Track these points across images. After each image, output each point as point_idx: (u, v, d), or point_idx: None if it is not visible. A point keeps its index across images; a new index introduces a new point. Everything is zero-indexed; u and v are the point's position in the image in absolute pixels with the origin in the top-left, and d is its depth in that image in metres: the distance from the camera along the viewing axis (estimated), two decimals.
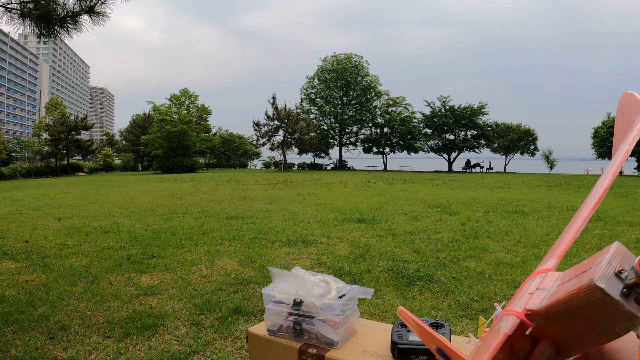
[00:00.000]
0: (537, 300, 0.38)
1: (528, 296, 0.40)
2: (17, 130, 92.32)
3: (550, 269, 0.43)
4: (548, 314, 0.36)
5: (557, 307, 0.35)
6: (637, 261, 0.33)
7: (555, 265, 0.44)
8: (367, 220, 7.20)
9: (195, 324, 2.90)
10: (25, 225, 7.14)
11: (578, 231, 0.46)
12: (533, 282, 0.42)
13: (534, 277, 0.43)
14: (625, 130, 0.55)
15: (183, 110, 43.16)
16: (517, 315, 0.39)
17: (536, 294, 0.39)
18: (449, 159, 42.60)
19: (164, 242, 5.54)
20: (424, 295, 3.46)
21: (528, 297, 0.40)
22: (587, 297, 0.33)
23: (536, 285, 0.41)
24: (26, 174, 33.07)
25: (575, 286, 0.34)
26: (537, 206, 9.40)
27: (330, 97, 44.42)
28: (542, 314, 0.37)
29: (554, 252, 0.46)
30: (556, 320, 0.36)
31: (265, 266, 4.29)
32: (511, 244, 5.33)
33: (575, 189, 15.24)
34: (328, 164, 46.91)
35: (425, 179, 22.04)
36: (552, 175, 29.44)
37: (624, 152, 0.53)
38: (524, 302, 0.40)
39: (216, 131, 51.90)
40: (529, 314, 0.38)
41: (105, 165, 47.70)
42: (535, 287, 0.41)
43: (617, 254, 0.34)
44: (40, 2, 3.59)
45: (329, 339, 1.31)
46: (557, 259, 0.44)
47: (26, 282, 3.87)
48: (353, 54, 44.70)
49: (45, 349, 2.55)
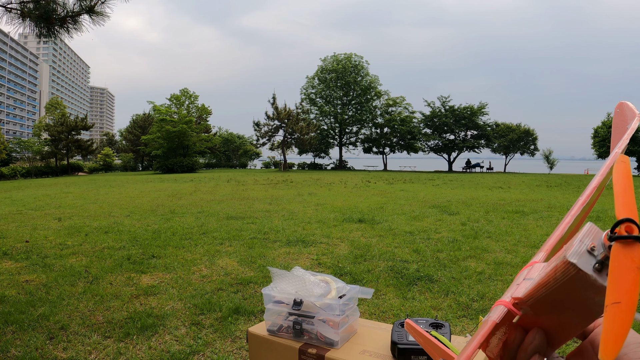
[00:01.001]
0: (523, 289, 0.39)
1: (515, 287, 0.41)
2: (17, 130, 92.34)
3: (537, 261, 0.44)
4: (532, 299, 0.37)
5: (539, 291, 0.36)
6: (604, 235, 0.34)
7: (543, 258, 0.45)
8: (367, 220, 7.20)
9: (195, 324, 2.90)
10: (25, 225, 7.14)
11: (566, 226, 0.48)
12: (521, 274, 0.43)
13: (523, 270, 0.44)
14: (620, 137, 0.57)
15: (183, 110, 43.15)
16: (505, 304, 0.40)
17: (522, 284, 0.40)
18: (449, 159, 42.60)
19: (164, 242, 5.54)
20: (424, 295, 3.46)
21: (515, 287, 0.41)
22: (562, 276, 0.34)
23: (523, 277, 0.42)
24: (26, 174, 33.07)
25: (552, 266, 0.35)
26: (537, 206, 9.40)
27: (330, 97, 44.43)
28: (527, 301, 0.38)
29: (543, 247, 0.47)
30: (540, 305, 0.37)
31: (265, 266, 4.29)
32: (511, 244, 5.33)
33: (575, 189, 15.24)
34: (328, 164, 46.93)
35: (425, 179, 22.04)
36: (552, 175, 29.45)
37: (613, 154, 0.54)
38: (511, 292, 0.41)
39: (216, 131, 51.91)
40: (516, 303, 0.39)
41: (105, 165, 47.71)
42: (522, 278, 0.42)
43: (589, 233, 0.35)
44: (40, 2, 3.59)
45: (329, 339, 1.31)
46: (545, 252, 0.46)
47: (26, 282, 3.87)
48: (353, 54, 44.73)
49: (45, 349, 2.55)
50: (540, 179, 23.37)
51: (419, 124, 42.69)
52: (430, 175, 27.69)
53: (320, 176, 25.80)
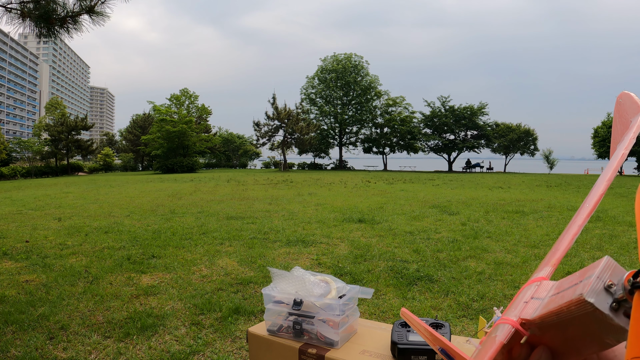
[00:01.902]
0: (532, 309, 0.39)
1: (523, 305, 0.41)
2: (17, 130, 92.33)
3: (545, 278, 0.43)
4: (542, 324, 0.37)
5: (550, 318, 0.36)
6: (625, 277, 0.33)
7: (550, 273, 0.44)
8: (367, 220, 7.20)
9: (195, 324, 2.90)
10: (25, 225, 7.14)
11: (573, 239, 0.46)
12: (528, 290, 0.43)
13: (530, 285, 0.43)
14: (622, 131, 0.55)
15: (183, 110, 43.16)
16: (512, 324, 0.40)
17: (530, 303, 0.40)
18: (449, 159, 42.61)
19: (164, 242, 5.54)
20: (424, 295, 3.46)
21: (523, 305, 0.41)
22: (577, 310, 0.33)
23: (531, 294, 0.42)
24: (26, 174, 33.08)
25: (566, 299, 0.34)
26: (537, 206, 9.40)
27: (330, 97, 44.43)
28: (536, 324, 0.38)
29: (549, 260, 0.46)
30: (550, 329, 0.37)
31: (265, 266, 4.29)
32: (511, 244, 5.33)
33: (575, 189, 15.24)
34: (328, 164, 46.93)
35: (425, 179, 22.04)
36: (552, 175, 29.45)
37: (620, 156, 0.53)
38: (519, 311, 0.40)
39: (216, 131, 51.93)
40: (523, 323, 0.39)
41: (105, 165, 47.71)
42: (529, 296, 0.41)
43: (607, 268, 0.34)
44: (40, 2, 3.59)
45: (329, 339, 1.31)
46: (552, 267, 0.45)
47: (26, 282, 3.87)
48: (353, 54, 44.74)
49: (45, 349, 2.55)
50: (540, 179, 23.37)
51: (419, 124, 42.69)
52: (430, 175, 27.69)
53: (320, 176, 25.80)
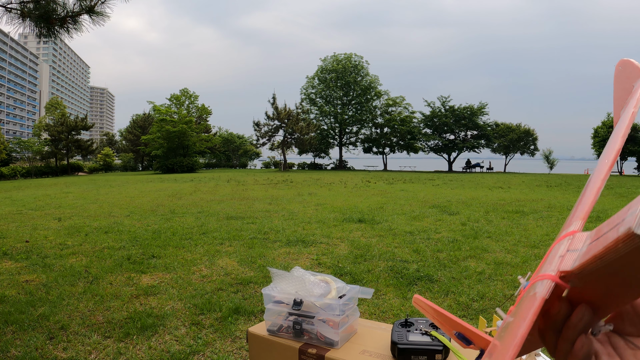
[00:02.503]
0: (570, 261, 0.37)
1: (559, 259, 0.39)
2: (17, 130, 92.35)
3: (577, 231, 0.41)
4: (583, 273, 0.35)
5: (593, 264, 0.34)
6: None
7: (581, 226, 0.42)
8: (367, 220, 7.20)
9: (195, 324, 2.90)
10: (25, 225, 7.14)
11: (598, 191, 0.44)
12: (561, 245, 0.41)
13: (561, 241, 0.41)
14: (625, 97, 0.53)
15: (183, 110, 43.17)
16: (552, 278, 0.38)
17: (567, 256, 0.38)
18: (449, 159, 42.60)
19: (164, 242, 5.54)
20: (424, 295, 3.46)
21: (559, 259, 0.39)
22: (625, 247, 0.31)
23: (566, 248, 0.40)
24: (26, 174, 33.07)
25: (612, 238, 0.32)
26: (537, 206, 9.40)
27: (330, 97, 44.43)
28: (577, 274, 0.36)
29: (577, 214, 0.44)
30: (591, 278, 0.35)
31: (265, 266, 4.29)
32: (511, 244, 5.33)
33: (575, 189, 15.24)
34: (328, 164, 46.92)
35: (425, 179, 22.04)
36: (552, 175, 29.45)
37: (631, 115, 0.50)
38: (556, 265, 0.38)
39: (216, 131, 51.92)
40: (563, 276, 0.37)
41: (105, 165, 47.70)
42: (565, 250, 0.40)
43: None
44: (40, 2, 3.59)
45: (329, 339, 1.31)
46: (581, 220, 0.43)
47: (26, 282, 3.87)
48: (353, 54, 44.73)
49: (45, 349, 2.55)
50: (540, 179, 23.37)
51: (419, 124, 42.68)
52: (430, 175, 27.69)
53: (320, 176, 25.80)
